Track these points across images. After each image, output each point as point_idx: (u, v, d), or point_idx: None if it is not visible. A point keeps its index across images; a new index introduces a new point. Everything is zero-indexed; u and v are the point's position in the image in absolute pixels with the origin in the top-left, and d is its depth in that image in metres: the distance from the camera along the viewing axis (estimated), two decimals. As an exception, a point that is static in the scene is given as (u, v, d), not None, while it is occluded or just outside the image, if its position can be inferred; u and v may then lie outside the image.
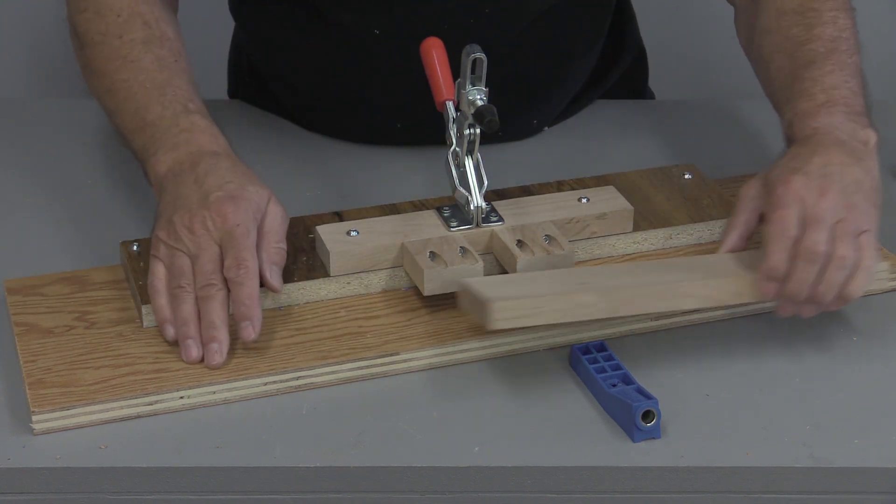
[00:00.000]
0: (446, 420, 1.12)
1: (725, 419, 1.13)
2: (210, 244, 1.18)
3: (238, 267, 1.17)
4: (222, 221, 1.19)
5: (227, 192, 1.21)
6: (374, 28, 1.44)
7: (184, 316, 1.17)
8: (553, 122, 1.57)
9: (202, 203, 1.20)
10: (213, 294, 1.17)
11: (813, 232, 1.16)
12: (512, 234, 1.25)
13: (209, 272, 1.18)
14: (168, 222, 1.21)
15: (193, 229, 1.19)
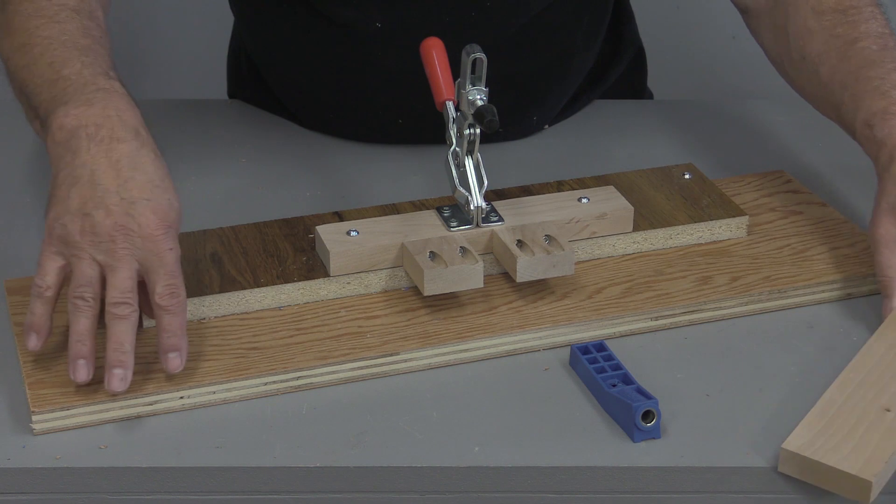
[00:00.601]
0: (446, 420, 1.12)
1: (725, 419, 1.13)
2: (131, 261, 1.11)
3: (172, 296, 1.12)
4: (152, 243, 1.12)
5: (156, 205, 1.13)
6: (376, 22, 1.44)
7: (80, 331, 1.10)
8: (553, 121, 1.57)
9: (127, 209, 1.12)
10: (127, 314, 1.10)
11: None
12: (512, 234, 1.25)
13: (127, 290, 1.11)
14: (82, 215, 1.12)
15: (115, 238, 1.11)
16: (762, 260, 1.30)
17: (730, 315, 1.25)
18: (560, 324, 1.21)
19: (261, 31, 1.56)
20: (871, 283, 1.28)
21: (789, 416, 1.11)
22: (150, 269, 1.12)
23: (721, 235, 1.33)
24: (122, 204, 1.12)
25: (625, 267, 1.29)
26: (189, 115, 1.58)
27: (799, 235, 1.33)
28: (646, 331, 1.23)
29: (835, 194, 1.41)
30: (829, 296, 1.27)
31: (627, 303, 1.24)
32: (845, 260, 1.30)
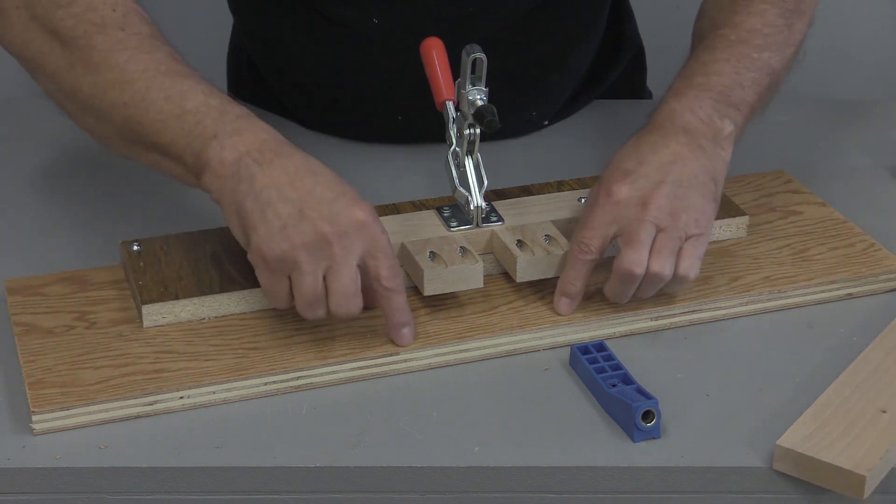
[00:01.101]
0: (446, 420, 1.12)
1: (725, 419, 1.12)
2: (350, 258, 1.13)
3: (396, 276, 1.14)
4: (364, 230, 1.13)
5: (351, 197, 1.15)
6: (373, 19, 1.44)
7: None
8: (553, 119, 1.57)
9: (329, 209, 1.13)
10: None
11: (630, 251, 1.18)
12: (512, 234, 1.25)
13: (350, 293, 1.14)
14: (286, 231, 1.12)
15: (330, 240, 1.13)
16: (762, 260, 1.30)
17: (730, 315, 1.25)
18: (560, 324, 1.21)
19: (259, 30, 1.56)
20: (871, 283, 1.28)
21: (789, 416, 1.11)
22: (369, 255, 1.14)
23: (721, 235, 1.33)
24: (320, 207, 1.13)
25: (625, 267, 1.29)
26: (189, 115, 1.58)
27: (799, 235, 1.33)
28: (646, 331, 1.23)
29: (835, 194, 1.41)
30: (829, 296, 1.27)
31: (627, 303, 1.23)
32: (845, 260, 1.30)
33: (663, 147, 1.22)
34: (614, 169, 1.22)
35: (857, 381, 1.14)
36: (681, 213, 1.19)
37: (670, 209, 1.19)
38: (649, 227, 1.18)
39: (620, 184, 1.20)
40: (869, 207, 1.40)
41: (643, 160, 1.21)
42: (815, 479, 1.06)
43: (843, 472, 1.04)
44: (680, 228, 1.18)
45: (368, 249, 1.14)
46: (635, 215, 1.18)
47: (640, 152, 1.22)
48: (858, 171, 1.48)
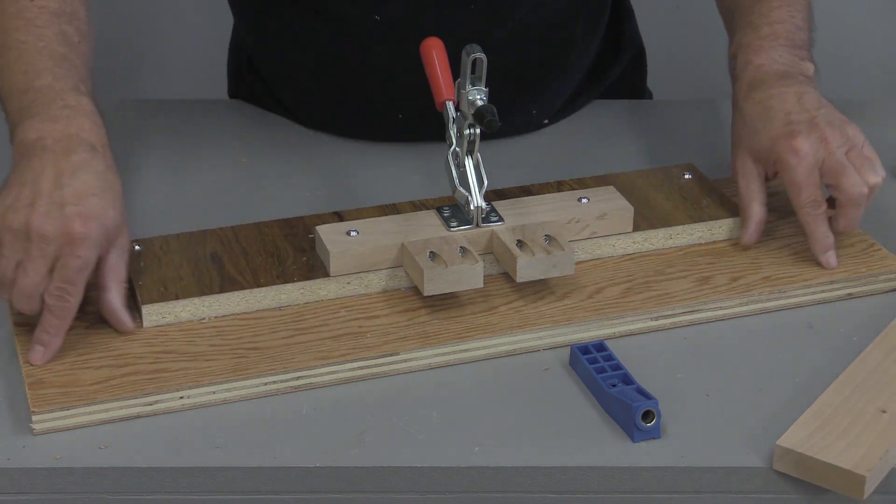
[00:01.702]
0: (446, 420, 1.12)
1: (725, 419, 1.13)
2: (41, 262, 1.14)
3: (60, 299, 1.15)
4: (65, 247, 1.14)
5: (84, 210, 1.15)
6: (374, 15, 1.44)
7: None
8: (553, 119, 1.57)
9: (53, 212, 1.15)
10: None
11: (848, 179, 1.27)
12: (512, 234, 1.25)
13: (27, 294, 1.15)
14: (12, 210, 1.15)
15: (31, 238, 1.14)
16: (762, 260, 1.30)
17: (730, 315, 1.25)
18: (560, 324, 1.21)
19: (260, 27, 1.56)
20: (871, 283, 1.28)
21: (789, 417, 1.11)
22: (55, 269, 1.15)
23: (721, 235, 1.33)
24: (49, 206, 1.15)
25: (625, 267, 1.29)
26: (189, 115, 1.58)
27: (799, 235, 1.33)
28: (646, 331, 1.23)
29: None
30: (829, 296, 1.27)
31: (627, 303, 1.24)
32: (845, 260, 1.30)
33: (781, 95, 1.31)
34: (767, 132, 1.29)
35: (857, 381, 1.14)
36: (846, 128, 1.28)
37: (839, 132, 1.28)
38: (843, 156, 1.27)
39: (795, 140, 1.27)
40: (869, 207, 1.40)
41: (783, 111, 1.29)
42: (815, 479, 1.06)
43: (843, 472, 1.04)
44: (854, 141, 1.28)
45: (57, 264, 1.15)
46: (826, 153, 1.27)
47: (769, 108, 1.30)
48: (858, 171, 1.48)
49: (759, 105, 1.31)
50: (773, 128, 1.29)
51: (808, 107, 1.29)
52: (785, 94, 1.31)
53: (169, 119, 1.57)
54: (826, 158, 1.26)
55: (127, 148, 1.49)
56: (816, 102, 1.30)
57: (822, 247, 1.28)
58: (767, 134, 1.29)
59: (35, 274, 1.14)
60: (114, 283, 1.18)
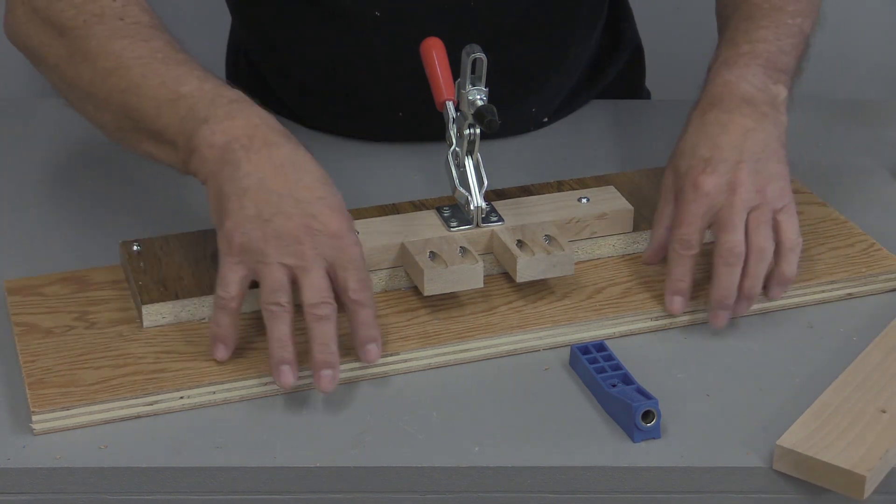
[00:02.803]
0: (446, 420, 1.12)
1: (725, 419, 1.13)
2: (320, 260, 1.12)
3: (364, 289, 1.13)
4: (338, 240, 1.12)
5: (332, 203, 1.13)
6: (375, 10, 1.44)
7: (280, 337, 1.11)
8: (552, 116, 1.58)
9: (306, 209, 1.12)
10: (328, 314, 1.11)
11: (727, 234, 1.20)
12: (512, 234, 1.25)
13: (323, 289, 1.11)
14: (262, 222, 1.12)
15: (301, 240, 1.11)
16: (762, 260, 1.30)
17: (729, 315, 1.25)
18: (560, 324, 1.21)
19: (259, 25, 1.56)
20: (871, 283, 1.28)
21: (789, 417, 1.11)
22: (339, 266, 1.12)
23: (651, 237, 1.32)
24: (299, 206, 1.12)
25: (625, 267, 1.29)
26: (189, 115, 1.58)
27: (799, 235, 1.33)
28: (646, 331, 1.23)
29: (835, 194, 1.41)
30: (829, 296, 1.27)
31: (627, 303, 1.24)
32: (845, 260, 1.30)
33: (730, 123, 1.25)
34: (690, 158, 1.25)
35: (857, 381, 1.14)
36: (767, 187, 1.22)
37: (756, 186, 1.22)
38: (741, 210, 1.21)
39: (704, 175, 1.22)
40: (869, 207, 1.40)
41: (717, 143, 1.24)
42: (815, 479, 1.06)
43: (843, 472, 1.04)
44: (769, 202, 1.22)
45: (338, 259, 1.13)
46: (726, 201, 1.21)
47: (709, 135, 1.25)
48: (858, 171, 1.48)
49: (701, 128, 1.26)
50: (695, 156, 1.24)
51: (746, 147, 1.23)
52: (731, 126, 1.25)
53: (169, 119, 1.56)
54: (723, 208, 1.21)
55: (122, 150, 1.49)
56: (760, 145, 1.24)
57: (672, 287, 1.22)
58: (687, 161, 1.25)
59: (319, 270, 1.11)
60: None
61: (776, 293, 1.23)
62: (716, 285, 1.21)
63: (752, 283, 1.20)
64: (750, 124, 1.25)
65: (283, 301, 1.11)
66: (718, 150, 1.23)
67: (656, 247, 1.27)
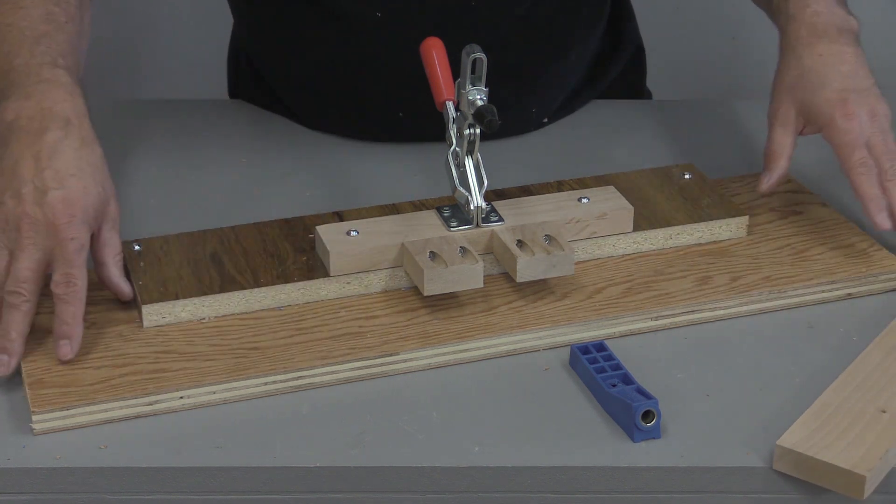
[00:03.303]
0: (446, 420, 1.12)
1: (725, 419, 1.13)
2: (34, 250, 1.14)
3: (67, 284, 1.14)
4: (55, 231, 1.15)
5: (66, 194, 1.16)
6: (375, 12, 1.44)
7: None
8: (552, 117, 1.57)
9: (37, 198, 1.15)
10: (19, 304, 1.14)
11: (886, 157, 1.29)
12: (512, 234, 1.25)
13: (22, 280, 1.14)
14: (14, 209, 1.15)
15: (20, 227, 1.15)
16: (762, 260, 1.30)
17: (730, 315, 1.25)
18: (560, 324, 1.21)
19: (260, 26, 1.56)
20: (871, 283, 1.28)
21: (789, 417, 1.11)
22: (53, 258, 1.15)
23: (721, 235, 1.33)
24: (33, 193, 1.15)
25: (625, 267, 1.29)
26: (189, 115, 1.58)
27: (799, 235, 1.33)
28: (646, 331, 1.23)
29: (835, 194, 1.41)
30: (829, 296, 1.27)
31: (627, 303, 1.24)
32: (845, 260, 1.30)
33: (843, 53, 1.33)
34: (825, 90, 1.31)
35: (857, 381, 1.14)
36: (878, 109, 1.31)
37: (884, 110, 1.31)
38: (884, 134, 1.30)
39: (850, 105, 1.30)
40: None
41: (844, 74, 1.32)
42: (815, 479, 1.06)
43: (843, 472, 1.04)
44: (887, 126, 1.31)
45: (52, 251, 1.15)
46: (871, 131, 1.30)
47: (831, 65, 1.33)
48: (858, 171, 1.48)
49: (819, 59, 1.33)
50: (830, 89, 1.31)
51: (863, 75, 1.33)
52: (845, 55, 1.33)
53: (169, 119, 1.57)
54: (871, 134, 1.29)
55: (127, 148, 1.49)
56: (865, 69, 1.34)
57: (877, 206, 1.28)
58: (823, 94, 1.31)
59: (28, 260, 1.14)
60: (109, 257, 1.20)
61: None
62: (865, 195, 1.28)
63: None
64: (858, 51, 1.34)
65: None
66: (848, 80, 1.32)
67: (778, 178, 1.33)
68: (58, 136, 1.19)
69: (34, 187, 1.16)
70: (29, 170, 1.17)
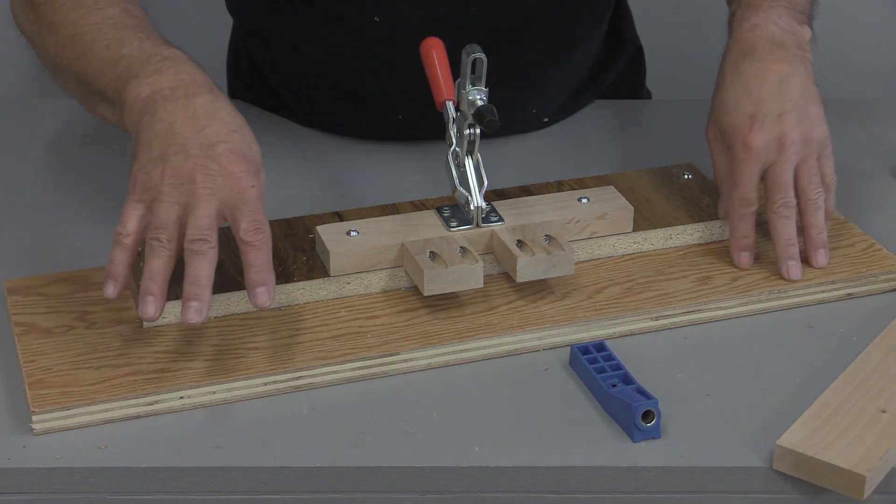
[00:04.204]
0: (446, 420, 1.12)
1: (725, 419, 1.13)
2: (211, 198, 1.14)
3: (256, 231, 1.14)
4: (233, 180, 1.14)
5: (235, 147, 1.16)
6: (374, 15, 1.44)
7: (153, 269, 1.13)
8: (553, 118, 1.58)
9: (206, 151, 1.14)
10: (204, 251, 1.12)
11: (780, 192, 1.26)
12: (512, 234, 1.25)
13: (205, 227, 1.13)
14: (163, 161, 1.14)
15: (195, 179, 1.13)
16: (762, 260, 1.30)
17: (730, 315, 1.25)
18: (560, 324, 1.21)
19: (259, 29, 1.56)
20: (871, 283, 1.28)
21: (789, 417, 1.11)
22: (234, 208, 1.14)
23: (721, 235, 1.33)
24: (201, 148, 1.15)
25: (625, 267, 1.29)
26: (189, 115, 1.58)
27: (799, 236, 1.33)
28: (646, 331, 1.23)
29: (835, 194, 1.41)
30: (829, 296, 1.27)
31: (627, 303, 1.24)
32: (845, 260, 1.30)
33: (767, 72, 1.28)
34: (735, 114, 1.28)
35: (857, 381, 1.14)
36: (811, 135, 1.27)
37: (802, 136, 1.26)
38: (791, 165, 1.26)
39: (752, 133, 1.26)
40: (869, 207, 1.40)
41: (758, 97, 1.28)
42: (815, 479, 1.06)
43: (843, 472, 1.04)
44: (815, 150, 1.27)
45: (232, 199, 1.14)
46: (777, 158, 1.26)
47: (748, 87, 1.28)
48: (858, 171, 1.48)
49: (738, 80, 1.29)
50: (740, 112, 1.28)
51: (786, 96, 1.27)
52: (768, 75, 1.28)
53: (169, 119, 1.56)
54: (774, 164, 1.26)
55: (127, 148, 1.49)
56: (798, 90, 1.28)
57: (739, 245, 1.28)
58: (731, 118, 1.28)
59: (208, 208, 1.13)
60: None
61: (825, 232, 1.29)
62: (777, 240, 1.26)
63: (818, 231, 1.27)
64: (786, 69, 1.28)
65: (163, 237, 1.13)
66: (761, 104, 1.27)
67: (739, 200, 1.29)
68: (208, 99, 1.18)
69: (200, 143, 1.14)
70: (189, 128, 1.15)
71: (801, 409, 1.11)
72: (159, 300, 1.13)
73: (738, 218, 1.27)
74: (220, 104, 1.18)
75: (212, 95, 1.19)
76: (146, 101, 1.18)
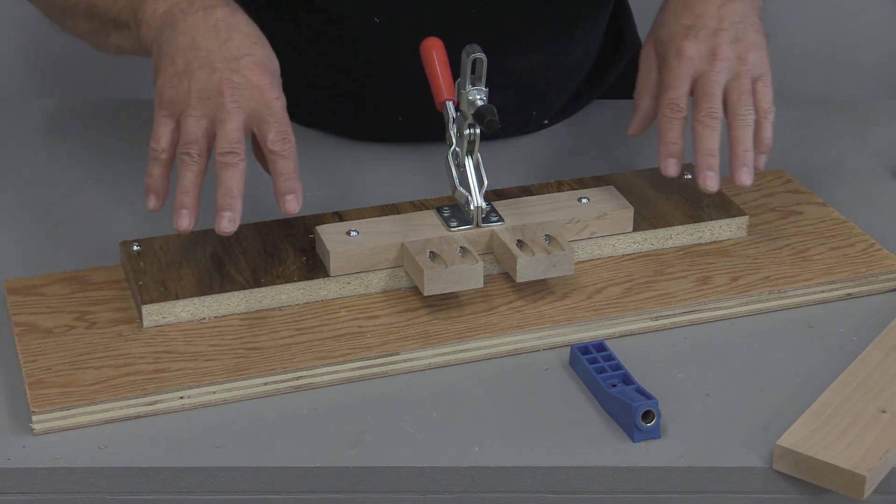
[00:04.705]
0: (446, 420, 1.12)
1: (725, 419, 1.13)
2: (238, 112, 1.15)
3: (284, 141, 1.16)
4: (259, 92, 1.16)
5: (258, 59, 1.17)
6: (374, 17, 1.44)
7: (185, 184, 1.15)
8: (553, 119, 1.58)
9: (231, 65, 1.16)
10: (235, 162, 1.15)
11: (707, 100, 1.24)
12: (512, 234, 1.25)
13: (234, 140, 1.15)
14: (189, 76, 1.16)
15: (222, 92, 1.15)
16: (762, 260, 1.30)
17: (730, 315, 1.25)
18: (560, 324, 1.21)
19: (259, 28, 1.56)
20: (871, 283, 1.28)
21: (789, 417, 1.11)
22: (261, 119, 1.16)
23: (721, 235, 1.33)
24: (225, 61, 1.16)
25: (625, 267, 1.29)
26: (189, 115, 1.58)
27: (799, 235, 1.33)
28: (646, 331, 1.23)
29: (835, 194, 1.41)
30: (829, 296, 1.27)
31: (627, 303, 1.24)
32: (845, 260, 1.30)
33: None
34: (672, 26, 1.28)
35: (857, 381, 1.14)
36: (747, 55, 1.27)
37: (736, 53, 1.26)
38: (722, 76, 1.26)
39: (686, 41, 1.27)
40: (869, 207, 1.40)
41: (697, 12, 1.28)
42: (815, 479, 1.06)
43: (842, 472, 1.04)
44: (749, 70, 1.26)
45: (258, 111, 1.16)
46: (708, 67, 1.26)
47: (691, 5, 1.29)
48: (858, 171, 1.48)
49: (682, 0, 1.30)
50: (678, 24, 1.28)
51: (725, 16, 1.28)
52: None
53: (169, 119, 1.56)
54: (704, 73, 1.26)
55: (127, 148, 1.49)
56: (739, 14, 1.28)
57: (666, 151, 1.27)
58: (668, 30, 1.29)
59: (236, 122, 1.14)
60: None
61: (760, 161, 1.27)
62: (698, 148, 1.25)
63: (744, 149, 1.25)
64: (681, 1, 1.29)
65: (193, 152, 1.15)
66: (699, 18, 1.27)
67: (642, 117, 1.31)
68: (227, 11, 1.19)
69: (224, 56, 1.16)
70: (212, 41, 1.16)
71: (801, 409, 1.11)
72: (193, 212, 1.15)
73: (666, 122, 1.26)
74: (239, 16, 1.20)
75: (229, 7, 1.20)
76: (165, 16, 1.19)
